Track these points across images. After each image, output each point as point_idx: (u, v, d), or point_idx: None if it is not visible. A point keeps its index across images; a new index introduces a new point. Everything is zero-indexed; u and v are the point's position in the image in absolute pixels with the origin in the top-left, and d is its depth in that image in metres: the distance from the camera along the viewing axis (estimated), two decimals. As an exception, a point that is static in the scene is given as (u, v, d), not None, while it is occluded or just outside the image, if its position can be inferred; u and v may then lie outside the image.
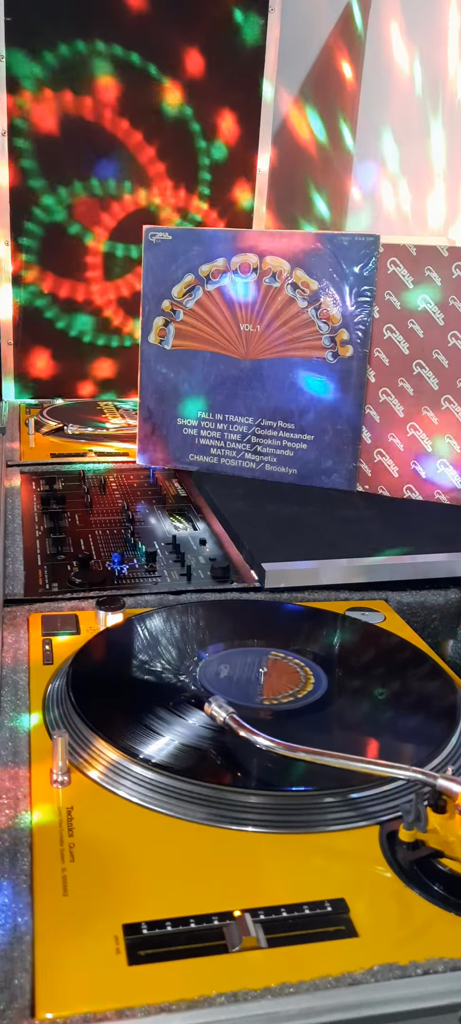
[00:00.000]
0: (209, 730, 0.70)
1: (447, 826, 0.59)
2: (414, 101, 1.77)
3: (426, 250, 1.23)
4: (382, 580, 1.04)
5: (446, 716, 0.74)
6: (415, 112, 1.76)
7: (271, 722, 0.72)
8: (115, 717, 0.72)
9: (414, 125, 1.77)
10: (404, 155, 1.83)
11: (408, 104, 1.80)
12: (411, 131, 1.78)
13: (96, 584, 1.00)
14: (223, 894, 0.55)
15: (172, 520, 1.23)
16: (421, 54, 1.74)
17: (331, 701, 0.77)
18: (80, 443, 1.57)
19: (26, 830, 0.60)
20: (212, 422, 1.37)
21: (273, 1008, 0.47)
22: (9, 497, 1.28)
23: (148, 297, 1.36)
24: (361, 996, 0.48)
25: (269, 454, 1.35)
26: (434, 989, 0.49)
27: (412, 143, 1.79)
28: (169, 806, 0.63)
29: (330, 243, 1.27)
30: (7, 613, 0.93)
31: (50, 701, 0.76)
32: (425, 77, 1.73)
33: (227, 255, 1.32)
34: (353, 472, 1.32)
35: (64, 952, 0.51)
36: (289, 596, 1.02)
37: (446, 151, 1.67)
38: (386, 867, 0.59)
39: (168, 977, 0.49)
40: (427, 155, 1.72)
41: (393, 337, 1.26)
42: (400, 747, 0.74)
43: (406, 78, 1.80)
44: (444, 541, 1.12)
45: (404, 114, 1.82)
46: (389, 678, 0.84)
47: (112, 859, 0.58)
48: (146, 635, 0.88)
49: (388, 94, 1.89)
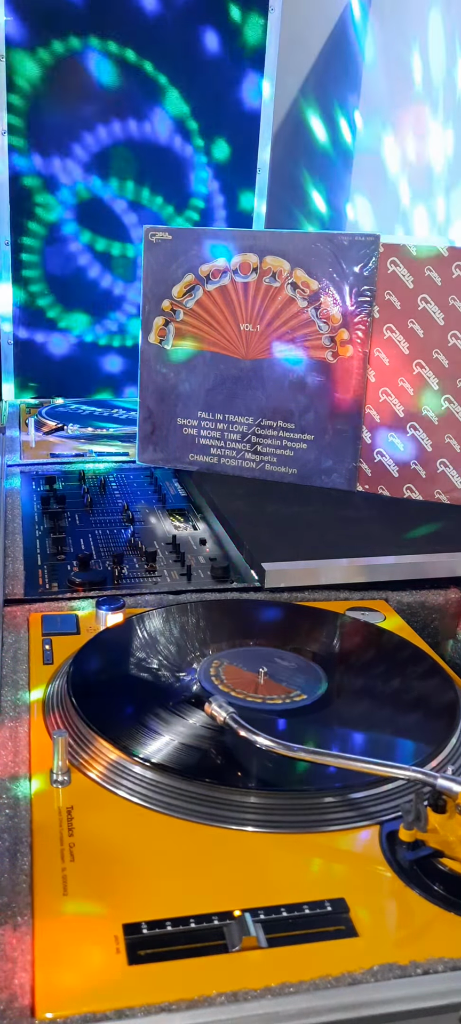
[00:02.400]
0: (209, 730, 0.70)
1: (447, 826, 0.59)
2: (415, 99, 1.77)
3: (426, 250, 1.23)
4: (382, 580, 1.04)
5: (446, 716, 0.74)
6: (416, 110, 1.76)
7: (271, 722, 0.72)
8: (115, 717, 0.72)
9: (415, 123, 1.77)
10: (404, 153, 1.83)
11: (409, 102, 1.80)
12: (412, 129, 1.78)
13: (96, 584, 1.00)
14: (223, 894, 0.55)
15: (172, 520, 1.23)
16: (422, 51, 1.74)
17: (331, 701, 0.77)
18: (80, 443, 1.57)
19: (26, 830, 0.60)
20: (212, 422, 1.37)
21: (273, 1008, 0.47)
22: (9, 497, 1.28)
23: (148, 297, 1.36)
24: (361, 996, 0.48)
25: (269, 454, 1.35)
26: (434, 989, 0.49)
27: (413, 141, 1.79)
28: (169, 806, 0.63)
29: (330, 243, 1.27)
30: (7, 613, 0.93)
31: (50, 701, 0.76)
32: (426, 74, 1.73)
33: (227, 255, 1.32)
34: (353, 472, 1.32)
35: (64, 952, 0.51)
36: (289, 596, 1.02)
37: (446, 149, 1.67)
38: (386, 867, 0.59)
39: (168, 977, 0.49)
40: (428, 153, 1.72)
41: (393, 337, 1.26)
42: (400, 747, 0.74)
43: (407, 75, 1.80)
44: (444, 541, 1.12)
45: (405, 112, 1.82)
46: (389, 678, 0.84)
47: (112, 859, 0.58)
48: (146, 635, 0.88)
49: (389, 92, 1.90)
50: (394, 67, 1.86)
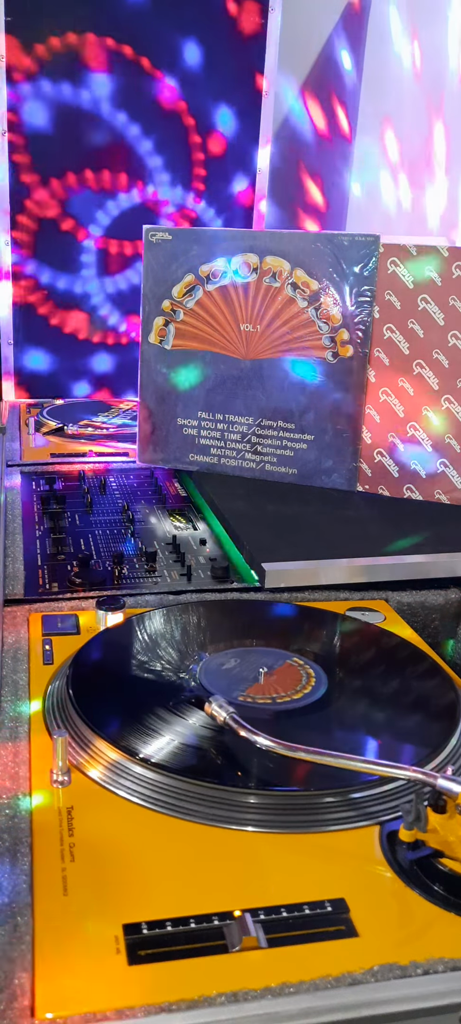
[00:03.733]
0: (209, 730, 0.70)
1: (447, 826, 0.59)
2: (416, 96, 1.77)
3: (426, 250, 1.23)
4: (382, 580, 1.04)
5: (446, 716, 0.74)
6: (417, 107, 1.76)
7: (271, 722, 0.72)
8: (115, 717, 0.72)
9: (416, 120, 1.76)
10: (405, 150, 1.83)
11: (410, 99, 1.79)
12: (413, 126, 1.78)
13: (96, 584, 1.00)
14: (223, 894, 0.55)
15: (172, 520, 1.23)
16: (423, 47, 1.74)
17: (331, 701, 0.77)
18: (80, 443, 1.57)
19: (26, 830, 0.60)
20: (212, 422, 1.37)
21: (273, 1008, 0.47)
22: (9, 497, 1.28)
23: (148, 297, 1.36)
24: (361, 996, 0.48)
25: (269, 454, 1.35)
26: (434, 989, 0.49)
27: (414, 138, 1.79)
28: (169, 806, 0.63)
29: (330, 243, 1.27)
30: (7, 613, 0.93)
31: (50, 701, 0.76)
32: (427, 71, 1.73)
33: (227, 255, 1.32)
34: (353, 472, 1.32)
35: (64, 952, 0.51)
36: (289, 596, 1.02)
37: (447, 146, 1.67)
38: (386, 867, 0.59)
39: (168, 977, 0.49)
40: (429, 150, 1.72)
41: (393, 337, 1.26)
42: (400, 747, 0.74)
43: (408, 72, 1.79)
44: (444, 541, 1.12)
45: (406, 109, 1.82)
46: (389, 678, 0.84)
47: (112, 859, 0.58)
48: (146, 635, 0.88)
49: (390, 89, 1.89)
50: (395, 61, 1.86)
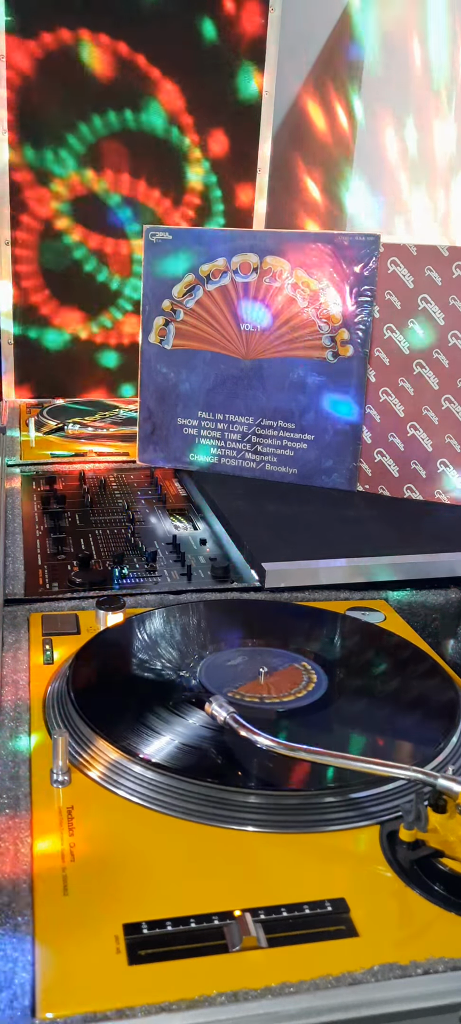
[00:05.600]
0: (209, 730, 0.70)
1: (447, 826, 0.59)
2: (419, 93, 1.77)
3: (426, 250, 1.23)
4: (382, 580, 1.04)
5: (446, 716, 0.74)
6: (420, 105, 1.76)
7: (271, 722, 0.72)
8: (115, 717, 0.72)
9: (418, 119, 1.76)
10: (407, 149, 1.82)
11: (412, 97, 1.79)
12: (415, 125, 1.78)
13: (96, 584, 1.00)
14: (223, 894, 0.55)
15: (172, 520, 1.23)
16: (423, 43, 1.74)
17: (331, 701, 0.77)
18: (80, 443, 1.57)
19: (26, 830, 0.60)
20: (212, 422, 1.37)
21: (273, 1008, 0.47)
22: (9, 497, 1.28)
23: (148, 297, 1.36)
24: (361, 996, 0.48)
25: (269, 454, 1.35)
26: (434, 989, 0.49)
27: (416, 136, 1.79)
28: (169, 806, 0.63)
29: (330, 243, 1.27)
30: (7, 613, 0.93)
31: (50, 701, 0.76)
32: (427, 67, 1.72)
33: (227, 255, 1.32)
34: (353, 472, 1.32)
35: (64, 952, 0.51)
36: (289, 596, 1.02)
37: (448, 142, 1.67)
38: (386, 867, 0.59)
39: (168, 977, 0.49)
40: (431, 148, 1.72)
41: (393, 337, 1.26)
42: (400, 747, 0.74)
43: (410, 70, 1.79)
44: (444, 541, 1.12)
45: (408, 107, 1.82)
46: (389, 678, 0.84)
47: (112, 859, 0.58)
48: (146, 635, 0.88)
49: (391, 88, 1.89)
50: (395, 60, 1.86)
